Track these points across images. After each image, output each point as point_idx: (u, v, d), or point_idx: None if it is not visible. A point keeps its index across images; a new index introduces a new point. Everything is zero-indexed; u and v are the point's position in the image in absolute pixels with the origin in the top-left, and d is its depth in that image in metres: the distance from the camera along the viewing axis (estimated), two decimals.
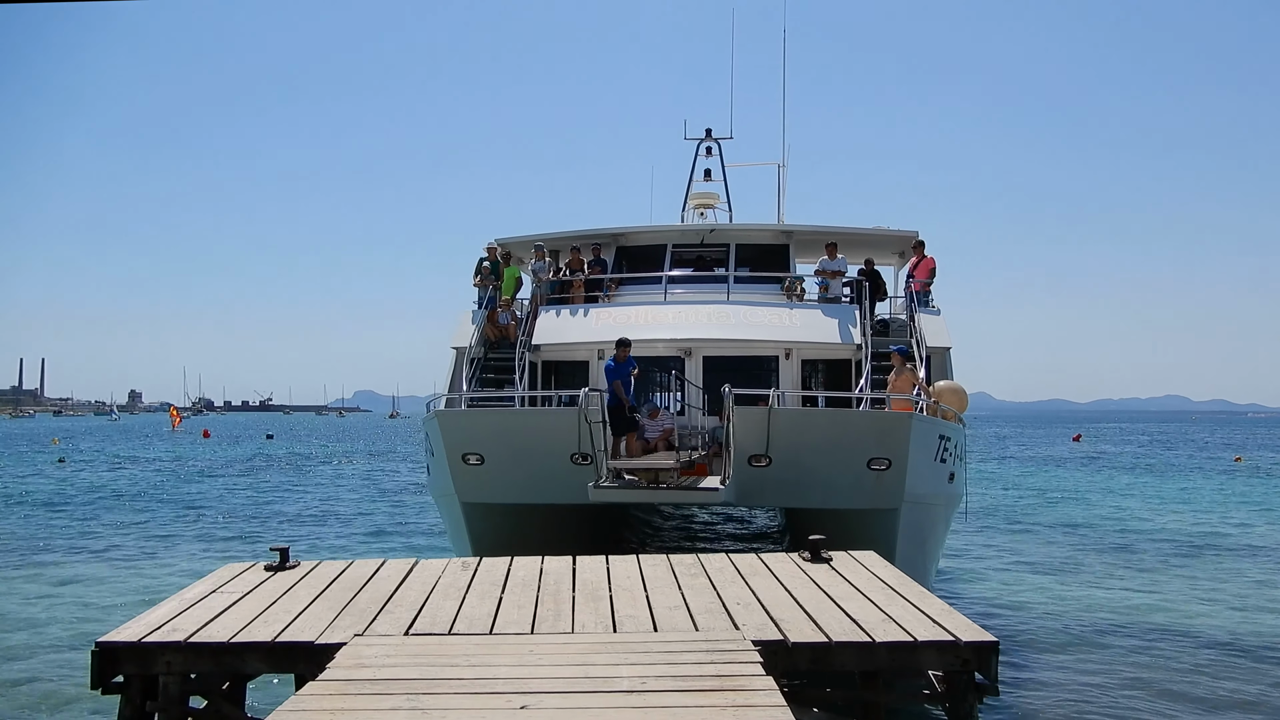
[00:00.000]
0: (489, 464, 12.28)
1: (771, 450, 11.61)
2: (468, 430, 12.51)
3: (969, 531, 23.81)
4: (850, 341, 15.17)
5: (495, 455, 12.26)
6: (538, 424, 12.61)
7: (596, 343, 15.50)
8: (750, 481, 11.86)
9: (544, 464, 12.07)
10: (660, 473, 11.79)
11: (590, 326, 15.81)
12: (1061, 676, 11.16)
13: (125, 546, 21.38)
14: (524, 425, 12.69)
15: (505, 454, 12.27)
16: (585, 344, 15.71)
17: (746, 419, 11.69)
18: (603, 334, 15.33)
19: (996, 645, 6.50)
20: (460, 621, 7.11)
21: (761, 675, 5.67)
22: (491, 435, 12.44)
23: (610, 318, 15.82)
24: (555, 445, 11.98)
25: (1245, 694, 10.64)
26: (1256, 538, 23.46)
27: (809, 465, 11.75)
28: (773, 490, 12.12)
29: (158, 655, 6.54)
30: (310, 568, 9.00)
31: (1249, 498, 34.05)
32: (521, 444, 12.29)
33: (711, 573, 8.69)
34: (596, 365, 15.46)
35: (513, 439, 12.36)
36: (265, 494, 34.90)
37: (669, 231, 18.11)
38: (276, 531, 24.33)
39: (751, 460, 11.71)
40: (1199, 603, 15.56)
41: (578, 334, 15.81)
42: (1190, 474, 46.31)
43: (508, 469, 12.28)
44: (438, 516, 26.98)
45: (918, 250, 17.11)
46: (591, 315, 16.06)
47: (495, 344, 16.53)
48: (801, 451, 11.69)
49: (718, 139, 21.27)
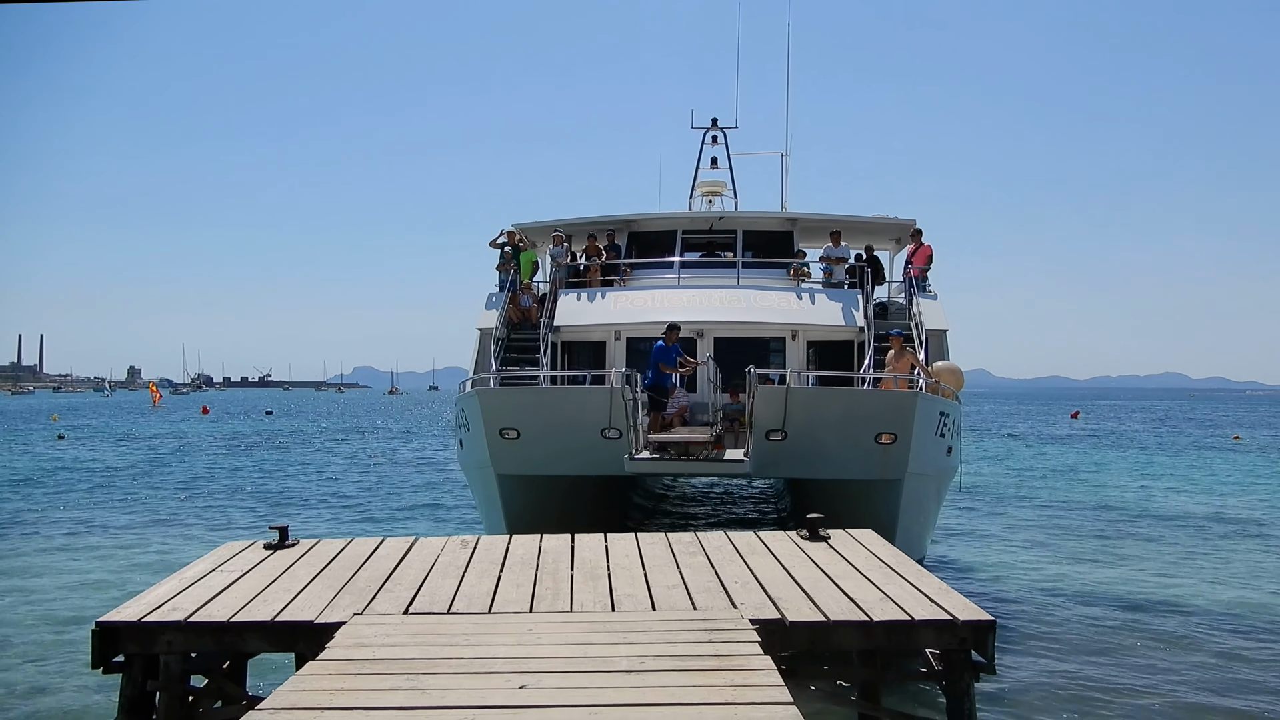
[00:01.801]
0: (524, 438, 12.97)
1: (788, 425, 12.38)
2: (506, 407, 13.18)
3: (967, 509, 23.91)
4: (853, 324, 16.12)
5: (530, 430, 12.96)
6: (571, 401, 13.40)
7: (613, 324, 16.59)
8: (768, 454, 12.63)
9: (576, 438, 12.81)
10: (691, 445, 12.94)
11: (608, 309, 16.76)
12: (1058, 654, 11.23)
13: (124, 525, 21.44)
14: (558, 402, 13.48)
15: (540, 429, 12.99)
16: (603, 325, 16.69)
17: (765, 397, 12.44)
18: (620, 316, 16.53)
19: (993, 624, 6.53)
20: (459, 600, 7.13)
21: (759, 655, 5.69)
22: (528, 411, 13.14)
23: (627, 301, 16.80)
24: (587, 421, 12.68)
25: (1242, 671, 10.71)
26: (1256, 515, 23.56)
27: (821, 439, 12.53)
28: (787, 462, 12.89)
29: (158, 634, 6.55)
30: (309, 546, 9.02)
31: (1248, 475, 34.15)
32: (555, 419, 13.01)
33: (710, 551, 8.72)
34: (613, 345, 16.74)
35: (547, 415, 13.09)
36: (264, 471, 34.99)
37: (679, 218, 18.99)
38: (276, 509, 24.41)
39: (769, 434, 12.47)
40: (1197, 580, 15.64)
41: (596, 316, 16.71)
42: (1189, 452, 46.43)
43: (541, 443, 12.99)
44: (436, 494, 27.11)
45: (915, 238, 17.83)
46: (609, 299, 16.99)
47: (518, 325, 17.33)
48: (815, 427, 12.46)
49: (723, 128, 22.23)
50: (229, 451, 44.79)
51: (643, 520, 19.93)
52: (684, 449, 13.07)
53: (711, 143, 22.28)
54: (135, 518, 22.45)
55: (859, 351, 16.19)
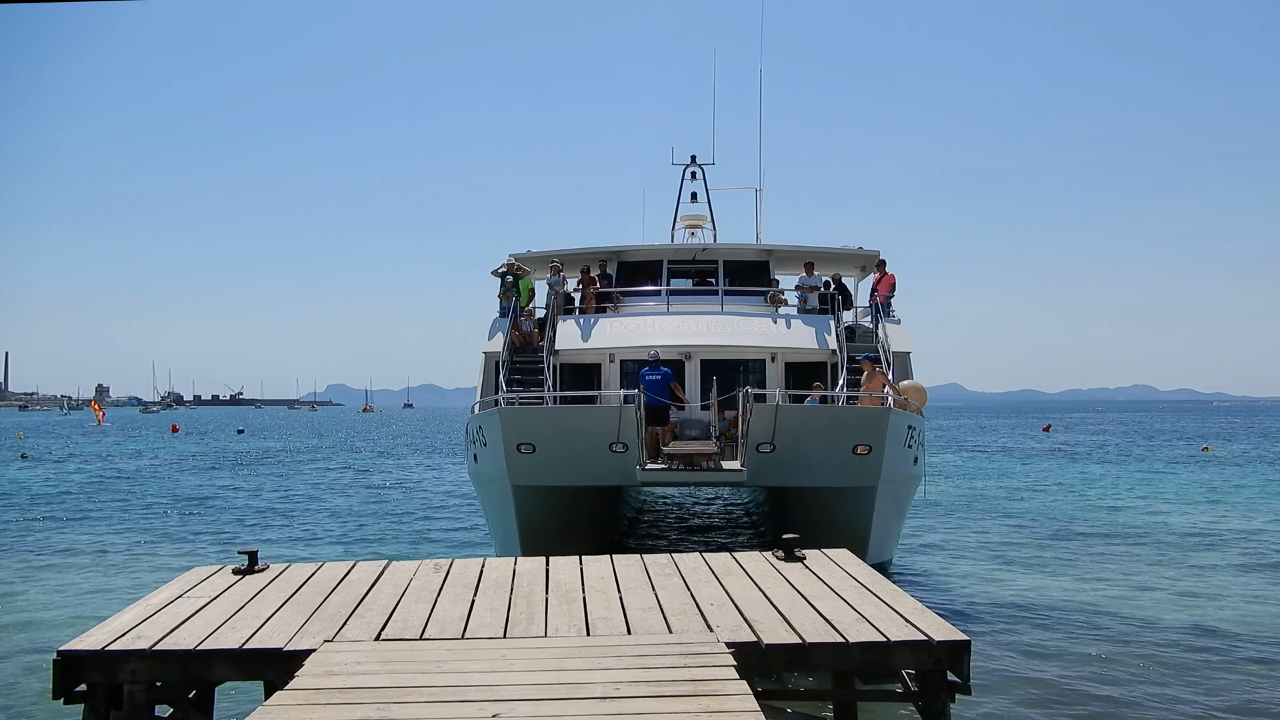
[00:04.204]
0: (539, 452, 14.19)
1: (776, 439, 13.85)
2: (525, 424, 14.44)
3: (941, 524, 24.03)
4: (826, 347, 17.73)
5: (545, 444, 14.20)
6: (583, 418, 14.79)
7: (607, 348, 18.06)
8: (759, 464, 14.07)
9: (587, 451, 14.13)
10: (695, 456, 14.37)
11: (604, 334, 18.16)
12: (1034, 673, 11.25)
13: (88, 548, 21.05)
14: (572, 419, 14.92)
15: (554, 443, 14.24)
16: (598, 349, 18.10)
17: (758, 414, 13.89)
18: (614, 341, 18.00)
19: (968, 644, 6.54)
20: (432, 625, 7.04)
21: (735, 679, 5.65)
22: (544, 428, 14.46)
23: (621, 326, 18.27)
24: (597, 436, 14.04)
25: (1216, 686, 10.78)
26: (1228, 527, 23.84)
27: (805, 451, 13.97)
28: (776, 471, 14.26)
29: (122, 663, 6.41)
30: (280, 571, 8.87)
31: (1217, 487, 34.59)
32: (569, 435, 14.33)
33: (685, 572, 8.67)
34: (608, 367, 18.37)
35: (561, 431, 14.42)
36: (234, 492, 34.54)
37: (665, 249, 20.79)
38: (245, 532, 24.08)
39: (759, 447, 13.91)
40: (1169, 594, 15.78)
41: (592, 341, 18.09)
42: (1159, 463, 46.98)
43: (555, 456, 14.22)
44: (415, 519, 26.87)
45: (880, 267, 19.55)
46: (604, 324, 18.43)
47: (520, 349, 18.64)
48: (800, 440, 13.93)
49: (701, 165, 24.10)
50: (198, 471, 44.19)
51: (632, 525, 22.25)
52: (689, 459, 14.37)
53: (691, 178, 24.04)
54: (99, 541, 22.03)
55: (832, 372, 17.64)
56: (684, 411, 17.56)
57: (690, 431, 16.97)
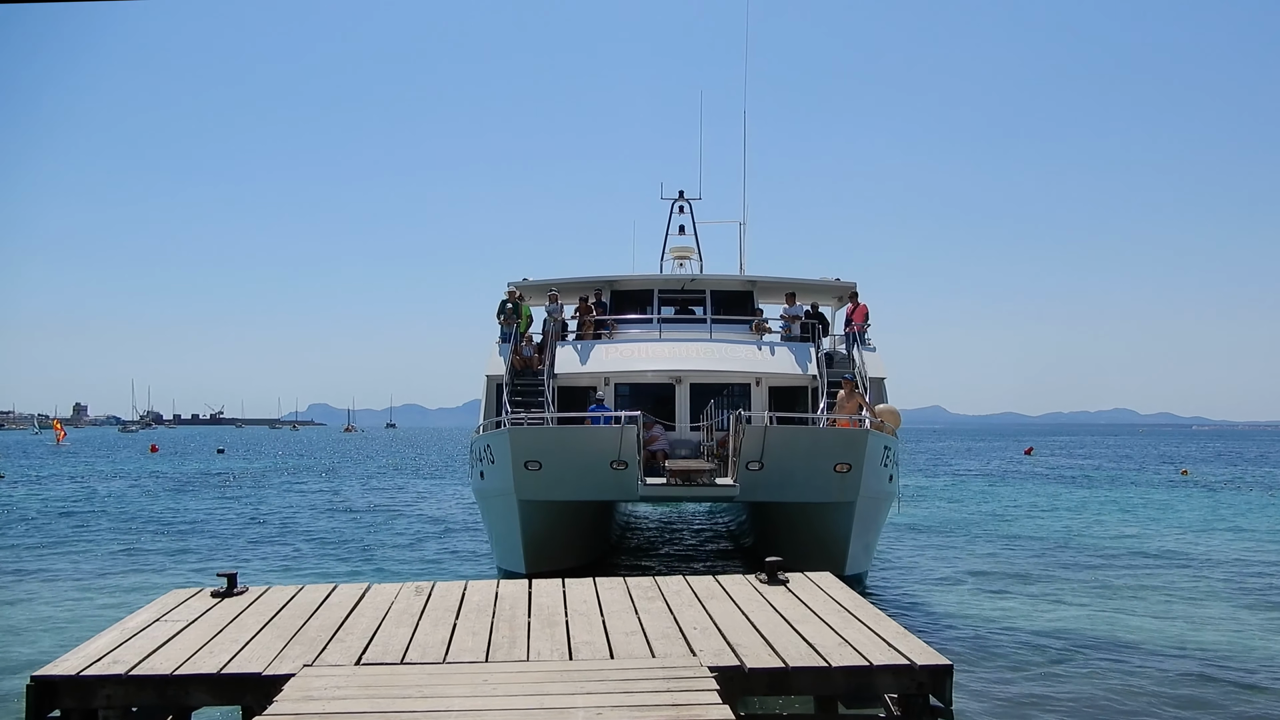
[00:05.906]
0: (545, 469, 15.08)
1: (765, 458, 14.89)
2: (532, 442, 15.30)
3: (923, 546, 24.05)
4: (807, 372, 18.78)
5: (551, 462, 15.11)
6: (587, 438, 15.51)
7: (602, 372, 19.06)
8: (749, 481, 15.15)
9: (590, 468, 15.04)
10: (692, 472, 15.43)
11: (599, 359, 19.12)
12: (1017, 696, 11.25)
13: (63, 571, 20.74)
14: (577, 439, 15.70)
15: (559, 460, 15.15)
16: (593, 373, 19.12)
17: (749, 434, 14.79)
18: (609, 365, 19.04)
19: (950, 669, 6.55)
20: (413, 650, 6.99)
21: (718, 704, 5.63)
22: (551, 446, 15.34)
23: (616, 352, 19.27)
24: (600, 454, 14.93)
25: (1197, 708, 10.81)
26: (1207, 551, 23.97)
27: (791, 469, 15.00)
28: (764, 487, 15.24)
29: (97, 689, 6.33)
30: (259, 593, 8.80)
31: (1196, 511, 34.80)
32: (573, 453, 15.21)
33: (668, 596, 8.66)
34: (604, 390, 19.24)
35: (566, 449, 15.31)
36: (212, 513, 34.19)
37: (655, 279, 22.02)
38: (225, 553, 23.83)
39: (749, 465, 14.99)
40: (1149, 617, 15.83)
41: (589, 365, 19.11)
42: (1139, 486, 47.25)
43: (560, 472, 15.13)
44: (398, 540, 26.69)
45: (854, 299, 20.80)
46: (600, 350, 19.39)
47: (520, 372, 19.49)
48: (786, 458, 14.93)
49: (689, 199, 25.40)
50: (177, 492, 43.73)
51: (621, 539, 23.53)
52: (687, 475, 15.37)
53: (679, 211, 25.31)
54: (75, 564, 21.72)
55: (813, 396, 18.61)
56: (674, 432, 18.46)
57: (681, 451, 17.98)
